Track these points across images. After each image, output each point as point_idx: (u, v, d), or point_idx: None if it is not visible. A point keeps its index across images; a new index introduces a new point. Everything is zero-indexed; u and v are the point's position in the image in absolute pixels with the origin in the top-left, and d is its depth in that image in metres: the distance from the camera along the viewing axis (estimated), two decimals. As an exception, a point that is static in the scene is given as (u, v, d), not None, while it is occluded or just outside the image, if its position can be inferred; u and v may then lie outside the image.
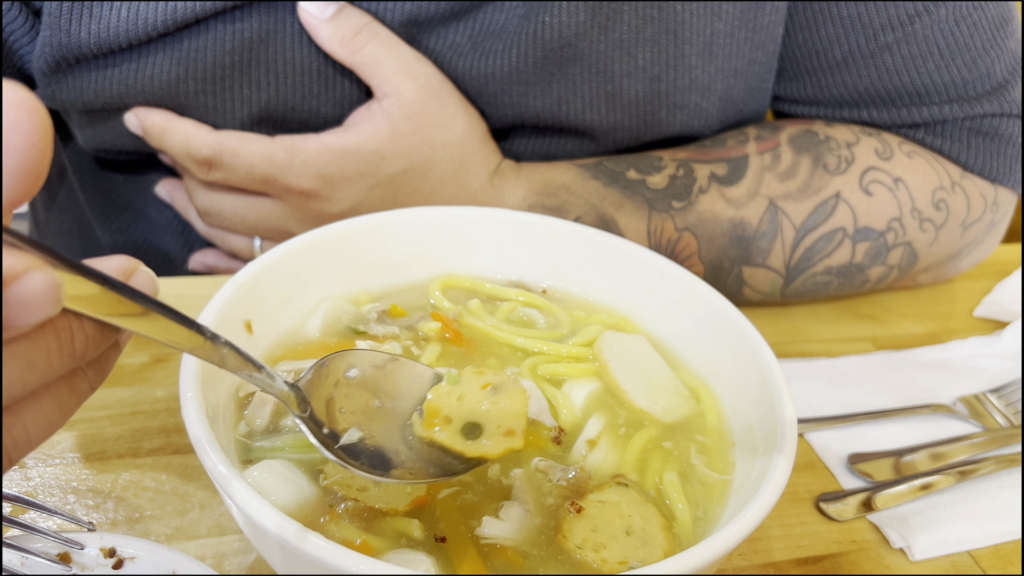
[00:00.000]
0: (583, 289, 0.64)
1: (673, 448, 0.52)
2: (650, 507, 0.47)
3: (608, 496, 0.47)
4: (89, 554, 0.44)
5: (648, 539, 0.45)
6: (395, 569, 0.37)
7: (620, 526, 0.45)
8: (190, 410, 0.42)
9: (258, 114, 0.71)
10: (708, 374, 0.57)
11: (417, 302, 0.61)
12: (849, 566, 0.56)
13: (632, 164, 0.76)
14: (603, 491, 0.47)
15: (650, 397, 0.54)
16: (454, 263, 0.64)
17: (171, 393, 0.62)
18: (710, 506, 0.49)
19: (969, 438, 0.67)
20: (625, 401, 0.54)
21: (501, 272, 0.64)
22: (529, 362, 0.56)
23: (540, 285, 0.64)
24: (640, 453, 0.51)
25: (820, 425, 0.67)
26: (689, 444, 0.52)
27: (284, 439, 0.48)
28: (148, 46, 0.67)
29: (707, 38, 0.74)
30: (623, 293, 0.63)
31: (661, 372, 0.57)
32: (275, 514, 0.38)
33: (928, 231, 0.80)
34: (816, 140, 0.78)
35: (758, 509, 0.42)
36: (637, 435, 0.52)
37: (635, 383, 0.55)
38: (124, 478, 0.55)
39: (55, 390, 0.33)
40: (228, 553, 0.51)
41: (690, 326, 0.59)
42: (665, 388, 0.55)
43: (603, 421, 0.52)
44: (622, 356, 0.56)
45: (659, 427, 0.53)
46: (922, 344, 0.79)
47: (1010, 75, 0.80)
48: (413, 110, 0.69)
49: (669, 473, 0.50)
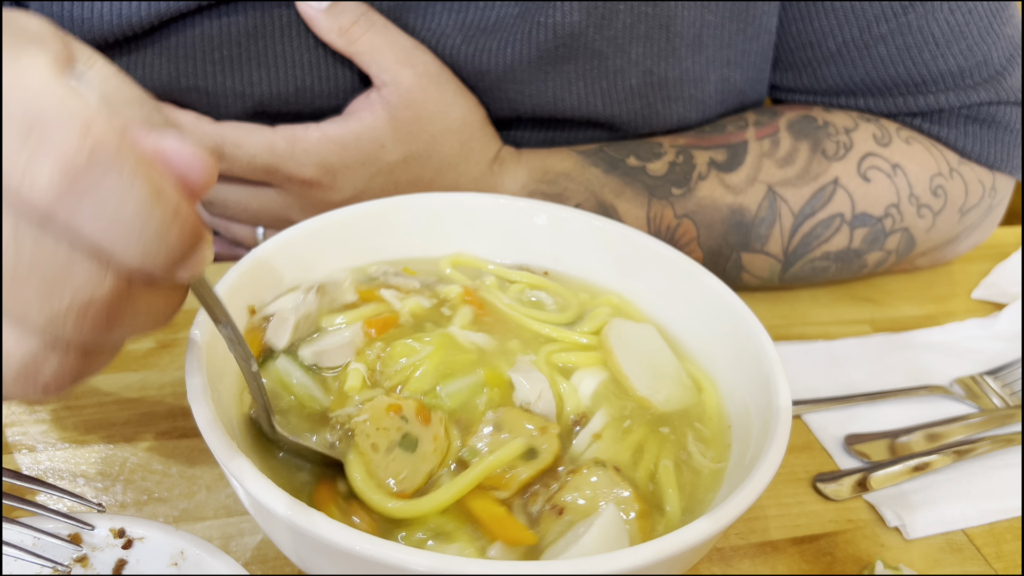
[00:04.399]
0: (583, 273, 0.64)
1: (670, 434, 0.52)
2: (624, 484, 0.47)
3: (581, 481, 0.47)
4: (99, 535, 0.45)
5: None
6: (402, 548, 0.37)
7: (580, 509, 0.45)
8: (196, 394, 0.43)
9: (252, 108, 0.72)
10: (705, 357, 0.58)
11: (428, 274, 0.62)
12: (845, 545, 0.57)
13: (632, 151, 0.76)
14: (579, 475, 0.47)
15: (653, 386, 0.54)
16: (455, 248, 0.65)
17: (177, 377, 0.63)
18: (701, 493, 0.49)
19: (965, 419, 0.68)
20: (628, 389, 0.54)
21: (501, 257, 0.65)
22: (545, 350, 0.55)
23: (541, 269, 0.65)
24: (637, 444, 0.51)
25: (817, 406, 0.68)
26: (687, 431, 0.53)
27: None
28: (134, 42, 0.67)
29: (697, 30, 0.74)
30: (623, 278, 0.63)
31: (666, 361, 0.57)
32: (283, 496, 0.39)
33: (926, 217, 0.80)
34: (815, 126, 0.79)
35: (750, 491, 0.42)
36: (638, 430, 0.52)
37: (640, 371, 0.55)
38: (132, 461, 0.56)
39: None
40: (235, 534, 0.52)
41: (688, 310, 0.60)
42: (669, 376, 0.56)
43: (608, 415, 0.52)
44: (629, 344, 0.56)
45: (658, 415, 0.53)
46: (920, 326, 0.80)
47: (1007, 62, 0.80)
48: (412, 98, 0.70)
49: (665, 460, 0.50)
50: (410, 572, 0.37)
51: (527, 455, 0.47)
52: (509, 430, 0.48)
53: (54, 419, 0.59)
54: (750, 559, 0.55)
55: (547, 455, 0.47)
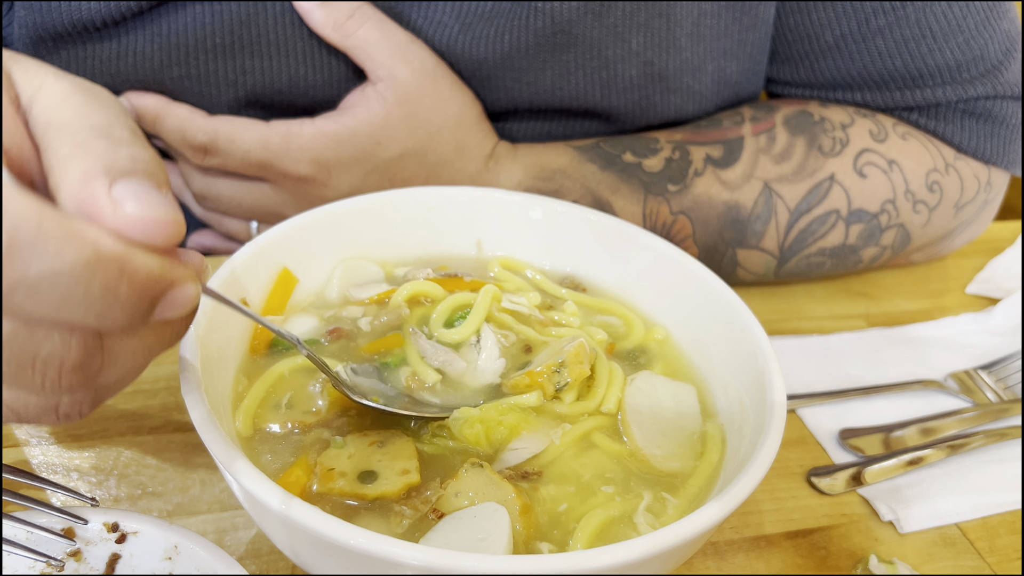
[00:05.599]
0: (580, 270, 0.64)
1: (618, 495, 0.48)
2: (506, 487, 0.46)
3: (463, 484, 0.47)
4: (93, 529, 0.45)
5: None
6: (395, 542, 0.37)
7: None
8: (191, 389, 0.43)
9: (245, 97, 0.71)
10: (700, 352, 0.58)
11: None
12: (839, 539, 0.57)
13: (628, 146, 0.76)
14: (459, 479, 0.47)
15: (654, 441, 0.52)
16: (452, 243, 0.65)
17: (171, 372, 0.63)
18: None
19: (959, 413, 0.68)
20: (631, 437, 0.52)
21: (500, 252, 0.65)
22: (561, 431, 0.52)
23: (542, 265, 0.65)
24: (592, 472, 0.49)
25: (812, 401, 0.68)
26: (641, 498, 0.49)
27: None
28: (125, 26, 0.67)
29: (695, 19, 0.74)
30: (618, 273, 0.63)
31: (681, 426, 0.54)
32: (277, 490, 0.39)
33: (921, 213, 0.80)
34: (811, 121, 0.79)
35: (744, 486, 0.42)
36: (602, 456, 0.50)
37: (647, 427, 0.52)
38: (126, 456, 0.56)
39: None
40: (229, 528, 0.52)
41: (683, 305, 0.60)
42: (676, 440, 0.53)
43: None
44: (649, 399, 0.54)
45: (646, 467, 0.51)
46: (915, 321, 0.80)
47: (1004, 56, 0.80)
48: (408, 93, 0.70)
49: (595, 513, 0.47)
50: (403, 566, 0.37)
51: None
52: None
53: (48, 414, 0.58)
54: (744, 553, 0.55)
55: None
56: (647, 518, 0.47)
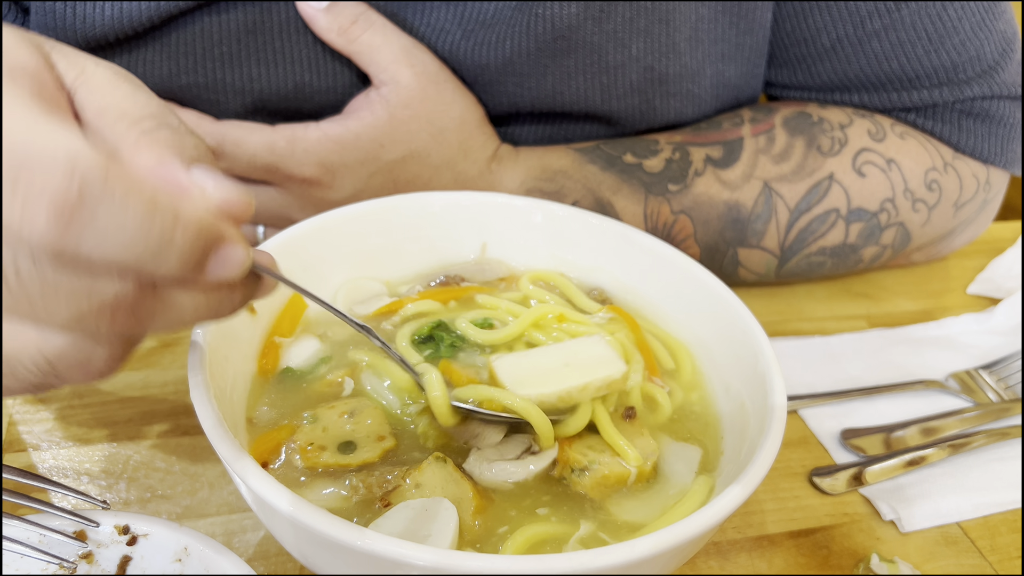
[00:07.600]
0: (580, 273, 0.65)
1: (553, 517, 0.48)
2: (465, 485, 0.47)
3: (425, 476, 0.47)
4: (104, 531, 0.46)
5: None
6: (403, 543, 0.38)
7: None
8: (199, 392, 0.44)
9: (252, 105, 0.72)
10: (702, 353, 0.59)
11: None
12: (841, 538, 0.58)
13: (628, 148, 0.76)
14: (420, 471, 0.47)
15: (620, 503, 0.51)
16: (457, 248, 0.65)
17: (179, 376, 0.63)
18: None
19: (960, 413, 0.69)
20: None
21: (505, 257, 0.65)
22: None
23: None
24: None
25: (814, 401, 0.68)
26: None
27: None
28: (136, 41, 0.68)
29: (693, 23, 0.74)
30: (619, 275, 0.64)
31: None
32: (285, 492, 0.40)
33: (921, 211, 0.81)
34: (810, 122, 0.79)
35: (746, 486, 0.43)
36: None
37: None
38: (135, 459, 0.57)
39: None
40: (237, 530, 0.53)
41: (684, 306, 0.60)
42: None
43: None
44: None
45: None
46: (915, 321, 0.81)
47: (1000, 57, 0.80)
48: (411, 97, 0.70)
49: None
50: (410, 567, 0.38)
51: None
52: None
53: (58, 418, 0.59)
54: (747, 553, 0.56)
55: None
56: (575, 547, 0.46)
